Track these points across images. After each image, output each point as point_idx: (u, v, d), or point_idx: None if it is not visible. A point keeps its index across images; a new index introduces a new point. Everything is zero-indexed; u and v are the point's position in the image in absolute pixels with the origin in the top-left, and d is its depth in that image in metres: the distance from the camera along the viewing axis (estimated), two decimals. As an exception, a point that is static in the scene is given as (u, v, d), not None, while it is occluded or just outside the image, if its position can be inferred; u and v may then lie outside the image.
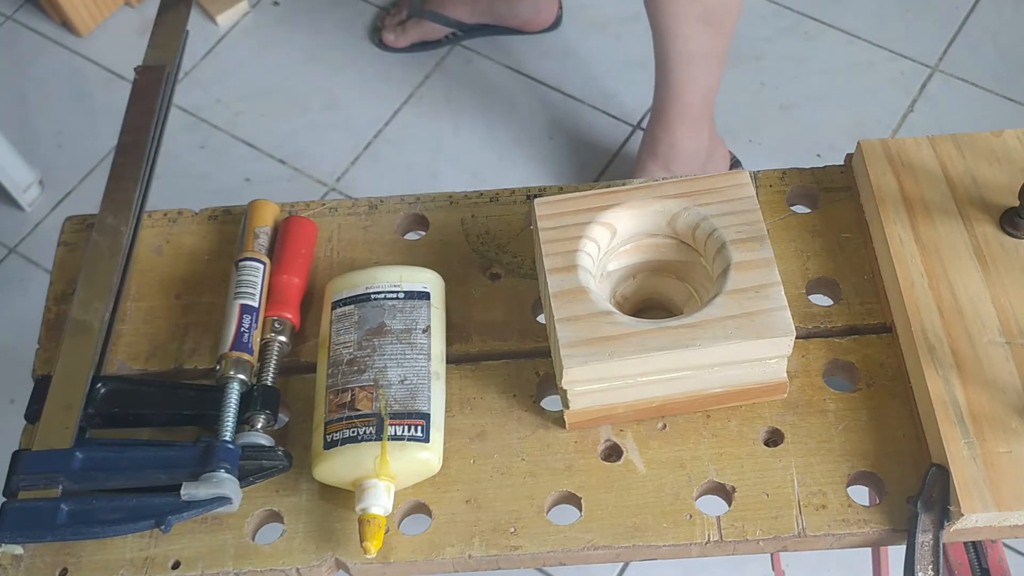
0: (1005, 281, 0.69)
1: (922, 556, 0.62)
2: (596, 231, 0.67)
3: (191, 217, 0.80)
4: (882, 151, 0.75)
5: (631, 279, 0.72)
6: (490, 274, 0.76)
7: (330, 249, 0.77)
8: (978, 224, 0.71)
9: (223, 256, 0.78)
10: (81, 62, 1.85)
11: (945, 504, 0.63)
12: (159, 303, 0.76)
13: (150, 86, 0.84)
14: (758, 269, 0.65)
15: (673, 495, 0.66)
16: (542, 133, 1.72)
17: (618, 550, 0.65)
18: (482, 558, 0.65)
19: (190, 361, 0.73)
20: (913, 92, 1.74)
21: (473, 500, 0.67)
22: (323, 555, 0.65)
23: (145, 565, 0.65)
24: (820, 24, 1.83)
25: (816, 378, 0.70)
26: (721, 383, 0.66)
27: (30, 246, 1.67)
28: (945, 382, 0.65)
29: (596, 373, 0.63)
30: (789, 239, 0.76)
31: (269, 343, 0.71)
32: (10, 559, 0.66)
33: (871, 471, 0.66)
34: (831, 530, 0.64)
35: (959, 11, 1.83)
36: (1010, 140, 0.75)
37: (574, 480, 0.67)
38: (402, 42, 1.80)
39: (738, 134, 1.71)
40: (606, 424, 0.69)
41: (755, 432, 0.68)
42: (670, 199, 0.68)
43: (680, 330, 0.63)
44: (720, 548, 0.65)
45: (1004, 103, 1.72)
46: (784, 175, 0.79)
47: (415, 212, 0.79)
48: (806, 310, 0.73)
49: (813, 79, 1.76)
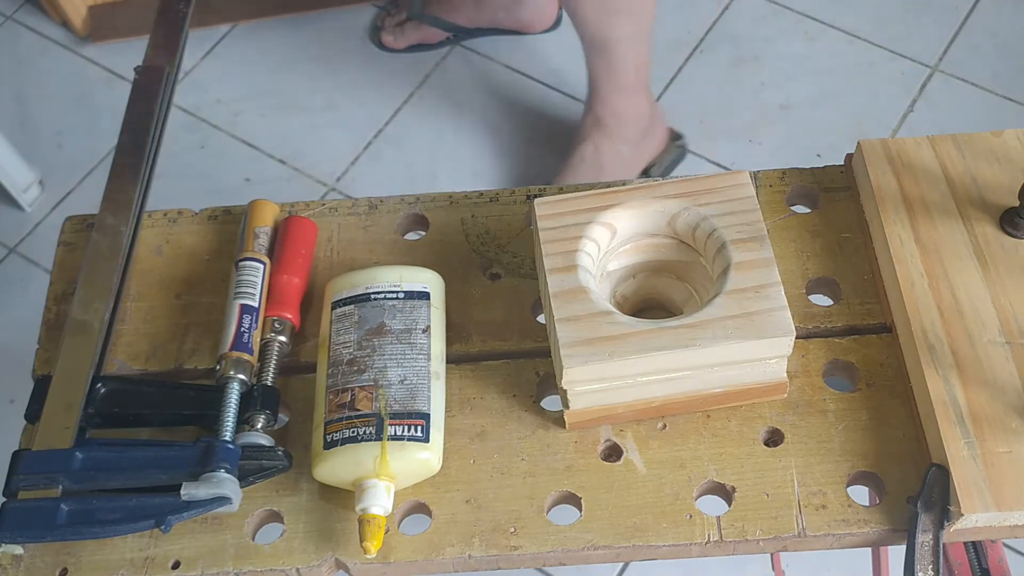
0: (1005, 281, 0.69)
1: (922, 556, 0.62)
2: (596, 231, 0.67)
3: (191, 217, 0.80)
4: (882, 151, 0.75)
5: (631, 279, 0.72)
6: (490, 274, 0.76)
7: (330, 249, 0.77)
8: (978, 224, 0.71)
9: (223, 256, 0.78)
10: (81, 62, 1.85)
11: (945, 504, 0.63)
12: (159, 303, 0.76)
13: (150, 86, 0.84)
14: (758, 269, 0.65)
15: (673, 495, 0.66)
16: (542, 133, 1.73)
17: (618, 550, 0.65)
18: (482, 558, 0.65)
19: (190, 361, 0.73)
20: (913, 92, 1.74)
21: (473, 500, 0.67)
22: (323, 555, 0.65)
23: (145, 565, 0.65)
24: (820, 24, 1.83)
25: (816, 378, 0.70)
26: (721, 383, 0.66)
27: (30, 246, 1.67)
28: (945, 382, 0.65)
29: (596, 373, 0.63)
30: (789, 239, 0.76)
31: (269, 343, 0.71)
32: (10, 559, 0.66)
33: (871, 471, 0.66)
34: (831, 530, 0.64)
35: (959, 11, 1.83)
36: (1010, 140, 0.75)
37: (574, 480, 0.67)
38: (401, 43, 1.80)
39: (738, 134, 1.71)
40: (606, 424, 0.69)
41: (755, 432, 0.68)
42: (670, 199, 0.68)
43: (680, 330, 0.63)
44: (720, 548, 0.65)
45: (1004, 103, 1.72)
46: (784, 175, 0.79)
47: (415, 212, 0.79)
48: (806, 310, 0.73)
49: (813, 79, 1.76)
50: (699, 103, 1.77)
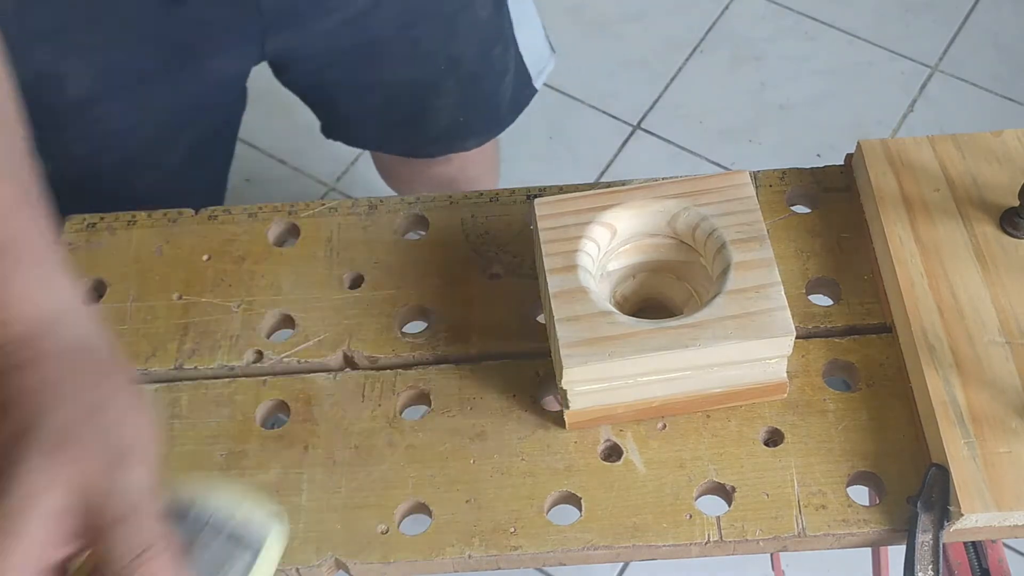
0: (1005, 281, 0.69)
1: (922, 556, 0.62)
2: (596, 231, 0.68)
3: (191, 217, 0.80)
4: (882, 151, 0.75)
5: (631, 279, 0.72)
6: (490, 274, 0.76)
7: (330, 249, 0.77)
8: (978, 224, 0.71)
9: (223, 256, 0.78)
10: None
11: (945, 504, 0.63)
12: (159, 303, 0.76)
13: (150, 86, 0.84)
14: (758, 269, 0.65)
15: (673, 495, 0.66)
16: (542, 133, 1.73)
17: (618, 550, 0.65)
18: (482, 558, 0.65)
19: (190, 361, 0.73)
20: (913, 92, 1.75)
21: (473, 500, 0.67)
22: (323, 555, 0.65)
23: (145, 565, 0.65)
24: (820, 24, 1.83)
25: (816, 378, 0.70)
26: (721, 383, 0.66)
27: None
28: (945, 382, 0.65)
29: (596, 373, 0.63)
30: (789, 239, 0.76)
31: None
32: (10, 559, 0.66)
33: (871, 471, 0.66)
34: (831, 530, 0.64)
35: (959, 11, 1.83)
36: (1010, 140, 0.75)
37: (574, 480, 0.67)
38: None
39: (738, 134, 1.71)
40: (606, 424, 0.69)
41: (755, 432, 0.68)
42: (670, 199, 0.68)
43: (680, 330, 0.63)
44: (720, 548, 0.65)
45: (1004, 103, 1.72)
46: (784, 175, 0.79)
47: (415, 212, 0.79)
48: (806, 310, 0.73)
49: (813, 79, 1.76)
50: (699, 103, 1.77)
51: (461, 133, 1.08)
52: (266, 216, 0.79)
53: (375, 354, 0.72)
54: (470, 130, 1.09)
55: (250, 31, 0.86)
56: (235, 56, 0.89)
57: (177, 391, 0.72)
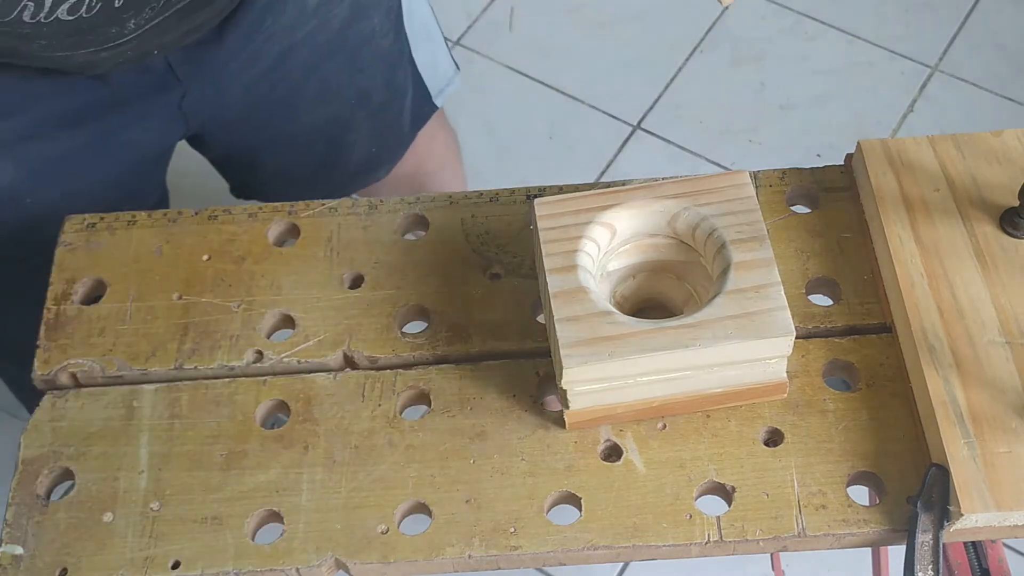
0: (1005, 281, 0.69)
1: (922, 556, 0.62)
2: (596, 231, 0.68)
3: (191, 217, 0.80)
4: (882, 151, 0.75)
5: (631, 279, 0.72)
6: (490, 274, 0.76)
7: (330, 249, 0.77)
8: (978, 224, 0.71)
9: (223, 256, 0.78)
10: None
11: (945, 504, 0.63)
12: (159, 303, 0.76)
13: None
14: (758, 269, 0.65)
15: (673, 495, 0.66)
16: (542, 133, 1.73)
17: (618, 550, 0.65)
18: (482, 558, 0.65)
19: (190, 361, 0.73)
20: (913, 92, 1.75)
21: (473, 500, 0.67)
22: (323, 555, 0.65)
23: (145, 565, 0.66)
24: (820, 24, 1.83)
25: (816, 378, 0.70)
26: (721, 383, 0.66)
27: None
28: (945, 382, 0.65)
29: (596, 373, 0.63)
30: (789, 239, 0.76)
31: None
32: (10, 559, 0.66)
33: (871, 471, 0.66)
34: (831, 530, 0.64)
35: (959, 11, 1.83)
36: (1010, 140, 0.75)
37: (574, 480, 0.67)
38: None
39: (738, 134, 1.71)
40: (606, 424, 0.69)
41: (755, 432, 0.68)
42: (670, 199, 0.68)
43: (680, 330, 0.63)
44: (720, 548, 0.65)
45: (1004, 103, 1.72)
46: (784, 175, 0.79)
47: (415, 212, 0.79)
48: (806, 310, 0.73)
49: (813, 79, 1.76)
50: (699, 103, 1.77)
51: (373, 165, 1.11)
52: (266, 216, 0.79)
53: (375, 354, 0.72)
54: (379, 161, 1.12)
55: (170, 98, 0.88)
56: (157, 130, 0.90)
57: (177, 391, 0.72)
